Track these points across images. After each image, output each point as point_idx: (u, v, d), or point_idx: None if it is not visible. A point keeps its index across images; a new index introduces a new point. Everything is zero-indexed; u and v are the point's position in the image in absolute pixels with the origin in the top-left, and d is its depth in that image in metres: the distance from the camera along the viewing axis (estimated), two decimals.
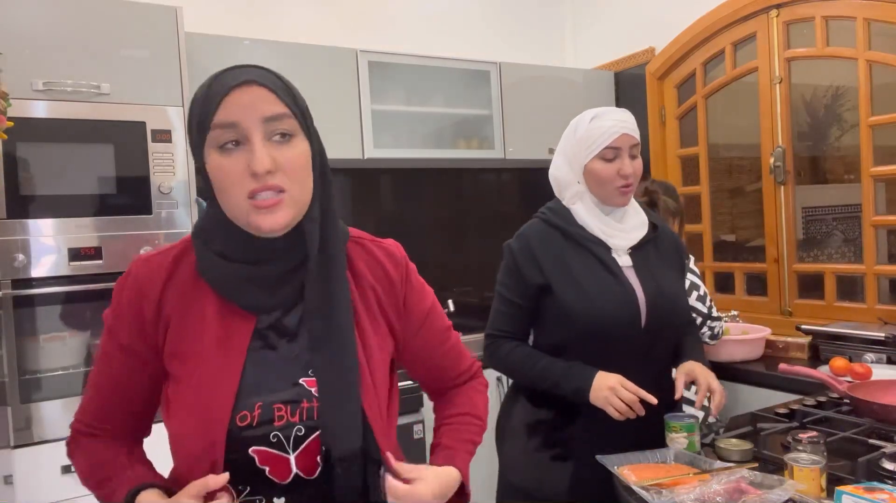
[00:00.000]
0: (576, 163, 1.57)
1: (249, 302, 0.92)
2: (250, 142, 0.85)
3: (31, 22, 1.97)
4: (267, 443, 0.88)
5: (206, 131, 0.86)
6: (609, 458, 1.40)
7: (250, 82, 0.86)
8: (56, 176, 1.98)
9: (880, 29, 2.39)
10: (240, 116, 0.85)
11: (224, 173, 0.86)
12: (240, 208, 0.87)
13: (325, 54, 2.65)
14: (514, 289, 1.60)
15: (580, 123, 1.59)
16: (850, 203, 2.57)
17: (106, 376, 0.96)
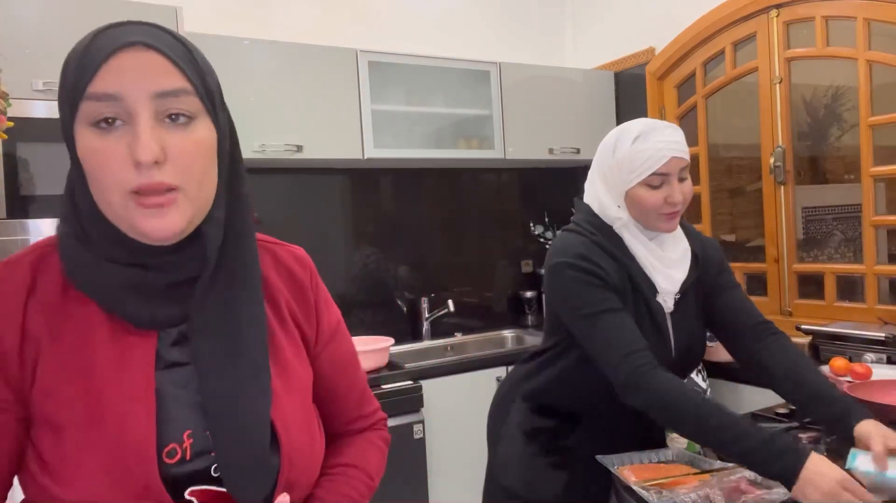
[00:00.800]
0: (615, 188, 1.39)
1: (143, 316, 0.71)
2: (134, 121, 0.66)
3: (31, 22, 1.97)
4: (207, 480, 0.71)
5: (77, 101, 0.66)
6: (609, 458, 1.40)
7: (140, 44, 0.67)
8: (56, 176, 1.97)
9: (880, 29, 2.39)
10: (123, 87, 0.66)
11: (99, 159, 0.66)
12: (118, 207, 0.68)
13: (325, 54, 2.65)
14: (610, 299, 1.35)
15: (621, 142, 1.37)
16: (850, 203, 2.57)
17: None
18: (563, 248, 1.41)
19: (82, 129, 0.68)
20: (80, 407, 0.68)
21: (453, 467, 2.60)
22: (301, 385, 0.82)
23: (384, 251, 3.15)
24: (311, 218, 2.96)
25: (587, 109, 3.32)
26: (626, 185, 1.37)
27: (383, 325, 3.08)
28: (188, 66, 0.70)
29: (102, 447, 0.66)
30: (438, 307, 3.14)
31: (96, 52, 0.67)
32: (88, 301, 0.71)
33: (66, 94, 0.68)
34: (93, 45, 0.68)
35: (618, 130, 1.40)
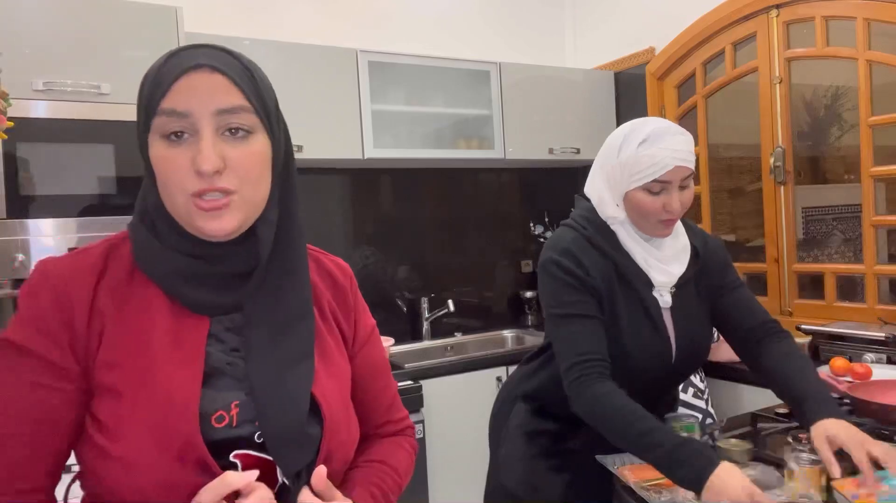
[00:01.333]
0: (616, 188, 1.39)
1: (201, 302, 0.81)
2: (199, 135, 0.75)
3: (31, 22, 1.97)
4: (250, 446, 0.78)
5: (152, 116, 0.76)
6: (609, 458, 1.41)
7: (206, 66, 0.76)
8: (56, 176, 1.98)
9: (880, 29, 2.39)
10: (190, 106, 0.75)
11: (167, 167, 0.76)
12: (181, 208, 0.77)
13: (325, 54, 2.65)
14: (584, 303, 1.36)
15: (627, 144, 1.35)
16: (850, 203, 2.57)
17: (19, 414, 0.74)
18: (555, 242, 1.43)
19: (155, 140, 0.77)
20: (136, 374, 0.75)
21: (453, 467, 2.60)
22: (341, 373, 0.90)
23: (384, 251, 3.15)
24: (310, 218, 2.96)
25: (587, 109, 3.32)
26: (626, 186, 1.36)
27: (383, 325, 3.05)
28: (247, 86, 0.78)
29: (152, 408, 0.74)
30: (438, 307, 3.14)
31: (168, 73, 0.76)
32: (152, 285, 0.80)
33: (142, 108, 0.78)
34: (166, 65, 0.77)
35: (627, 129, 1.38)
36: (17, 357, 0.75)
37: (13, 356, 0.75)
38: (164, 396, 0.74)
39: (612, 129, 3.32)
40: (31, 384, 0.74)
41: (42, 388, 0.75)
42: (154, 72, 0.78)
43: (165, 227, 0.80)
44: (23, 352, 0.75)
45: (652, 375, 1.43)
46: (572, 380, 1.32)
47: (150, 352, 0.76)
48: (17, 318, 0.76)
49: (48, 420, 0.75)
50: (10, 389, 0.75)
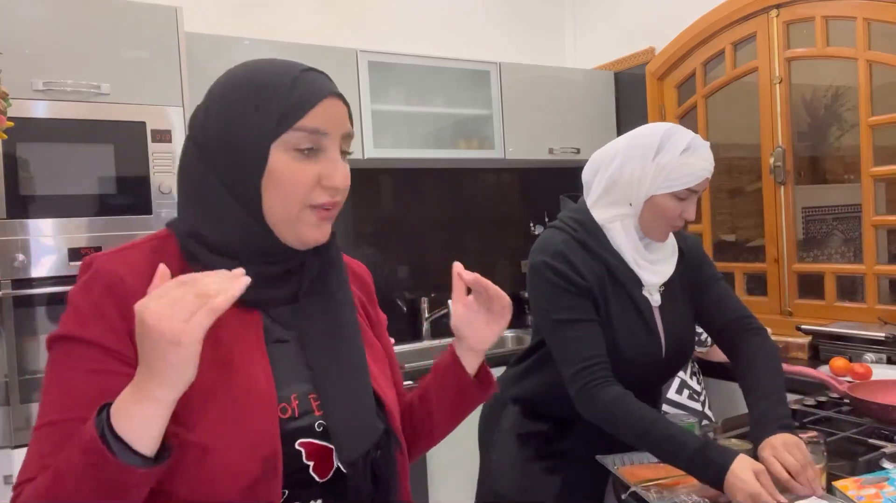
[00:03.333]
0: (641, 188, 1.38)
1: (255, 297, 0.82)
2: (327, 154, 0.83)
3: (31, 22, 1.97)
4: (312, 434, 0.83)
5: (284, 129, 0.81)
6: (609, 458, 1.41)
7: (338, 96, 0.86)
8: (56, 176, 1.98)
9: (880, 29, 2.39)
10: (330, 127, 0.83)
11: (294, 178, 0.81)
12: (294, 216, 0.83)
13: (325, 54, 2.65)
14: (581, 307, 1.38)
15: (669, 148, 1.36)
16: (850, 203, 2.57)
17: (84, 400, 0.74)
18: (544, 245, 1.43)
19: (281, 151, 0.81)
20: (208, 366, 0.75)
21: (453, 468, 2.60)
22: (382, 357, 0.99)
23: (384, 251, 3.15)
24: None
25: (587, 109, 3.32)
26: (656, 189, 1.37)
27: None
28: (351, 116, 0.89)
29: (230, 399, 0.77)
30: (438, 307, 3.14)
31: (309, 94, 0.83)
32: None
33: (272, 117, 0.81)
34: (301, 84, 0.84)
35: (662, 133, 1.38)
36: (75, 348, 0.77)
37: (71, 348, 0.77)
38: (242, 389, 0.78)
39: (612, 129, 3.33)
40: (91, 371, 0.76)
41: (102, 374, 0.76)
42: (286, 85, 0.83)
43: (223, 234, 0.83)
44: (80, 343, 0.77)
45: (642, 373, 1.44)
46: (581, 387, 1.33)
47: (219, 345, 0.79)
48: (72, 312, 0.78)
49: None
50: (70, 378, 0.77)
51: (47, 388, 0.78)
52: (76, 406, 0.75)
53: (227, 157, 0.82)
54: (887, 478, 1.19)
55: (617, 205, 1.41)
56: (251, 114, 0.82)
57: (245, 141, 0.82)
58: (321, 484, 0.83)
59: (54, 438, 0.74)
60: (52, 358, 0.78)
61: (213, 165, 0.83)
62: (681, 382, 2.19)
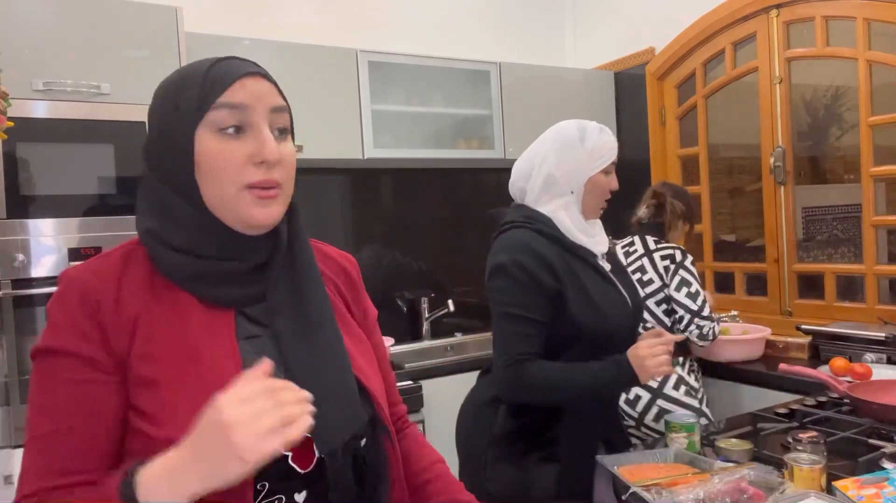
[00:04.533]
0: (581, 173, 1.57)
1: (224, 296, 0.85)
2: (256, 129, 0.82)
3: (31, 22, 1.97)
4: None
5: (204, 111, 0.81)
6: (609, 458, 1.41)
7: (258, 74, 0.84)
8: (56, 176, 1.98)
9: (880, 29, 2.39)
10: (251, 101, 0.82)
11: (223, 158, 0.81)
12: (231, 199, 0.82)
13: (325, 54, 2.65)
14: (534, 307, 1.49)
15: (588, 134, 1.58)
16: (850, 203, 2.57)
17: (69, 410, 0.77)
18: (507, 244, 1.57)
19: (206, 135, 0.81)
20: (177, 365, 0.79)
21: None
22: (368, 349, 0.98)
23: (384, 251, 3.15)
24: (310, 218, 2.94)
25: (587, 109, 3.32)
26: (592, 171, 1.58)
27: (383, 325, 3.06)
28: (282, 94, 0.88)
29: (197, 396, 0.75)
30: (438, 307, 3.14)
31: (225, 74, 0.82)
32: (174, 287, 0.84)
33: (191, 104, 0.81)
34: (215, 69, 0.83)
35: (574, 125, 1.60)
36: (55, 359, 0.79)
37: (50, 360, 0.79)
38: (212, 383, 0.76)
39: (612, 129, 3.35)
40: (71, 381, 0.78)
41: (83, 383, 0.78)
42: (202, 73, 0.82)
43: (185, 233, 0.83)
44: (58, 354, 0.78)
45: (619, 331, 1.56)
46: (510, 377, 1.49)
47: (189, 343, 0.80)
48: (49, 325, 0.80)
49: (94, 410, 0.78)
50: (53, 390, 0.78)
51: (32, 401, 0.79)
52: (62, 416, 0.77)
53: (161, 154, 0.84)
54: (887, 478, 1.19)
55: (559, 196, 1.57)
56: (173, 107, 0.83)
57: (171, 133, 0.83)
58: (304, 475, 0.82)
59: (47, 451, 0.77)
60: (35, 370, 0.80)
61: (154, 167, 0.85)
62: (678, 378, 2.18)
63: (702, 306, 2.20)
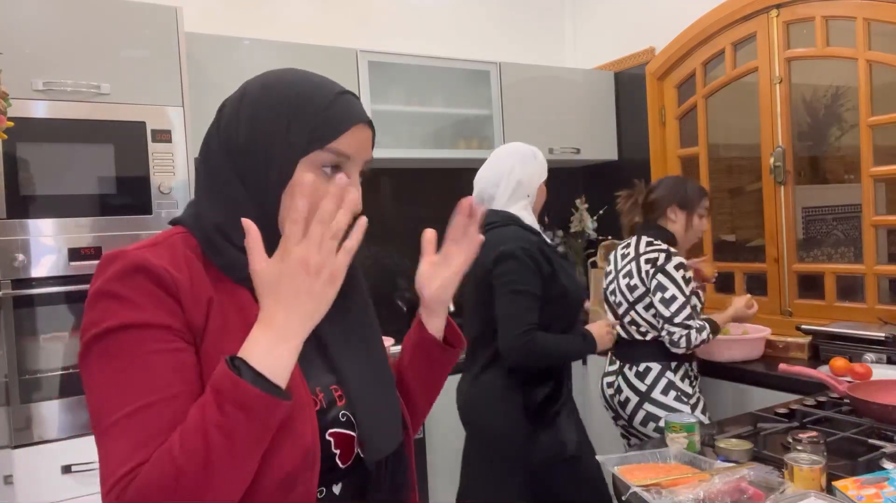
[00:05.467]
0: (536, 181, 2.00)
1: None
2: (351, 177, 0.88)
3: (31, 22, 1.97)
4: (339, 424, 0.86)
5: (313, 148, 0.84)
6: (609, 459, 1.41)
7: (368, 124, 0.90)
8: (56, 176, 1.98)
9: (880, 29, 2.39)
10: (356, 153, 0.88)
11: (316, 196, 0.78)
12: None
13: (325, 54, 2.65)
14: (535, 284, 1.86)
15: (536, 152, 2.02)
16: (850, 203, 2.57)
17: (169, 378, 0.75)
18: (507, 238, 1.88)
19: (306, 166, 0.84)
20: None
21: (453, 467, 2.60)
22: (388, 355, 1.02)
23: (384, 251, 3.15)
24: None
25: (587, 109, 3.32)
26: (541, 180, 2.02)
27: (383, 325, 3.08)
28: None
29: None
30: None
31: (342, 119, 0.86)
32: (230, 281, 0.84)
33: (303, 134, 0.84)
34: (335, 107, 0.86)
35: (524, 146, 2.02)
36: (140, 333, 0.75)
37: (135, 334, 0.75)
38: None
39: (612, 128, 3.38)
40: (165, 351, 0.76)
41: (177, 352, 0.77)
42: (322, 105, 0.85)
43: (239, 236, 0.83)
44: (144, 327, 0.75)
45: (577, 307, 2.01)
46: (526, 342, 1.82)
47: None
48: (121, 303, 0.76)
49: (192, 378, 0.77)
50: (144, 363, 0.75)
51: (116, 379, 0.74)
52: (163, 386, 0.74)
53: (255, 165, 0.84)
54: (887, 478, 1.19)
55: (521, 198, 1.97)
56: (283, 129, 0.84)
57: (274, 153, 0.84)
58: (342, 469, 0.86)
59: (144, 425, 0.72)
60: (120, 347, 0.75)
61: (238, 169, 0.85)
62: (667, 383, 2.14)
63: (675, 312, 2.11)
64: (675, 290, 2.13)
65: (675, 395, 2.13)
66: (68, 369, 1.99)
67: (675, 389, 2.14)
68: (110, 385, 0.74)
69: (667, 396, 2.13)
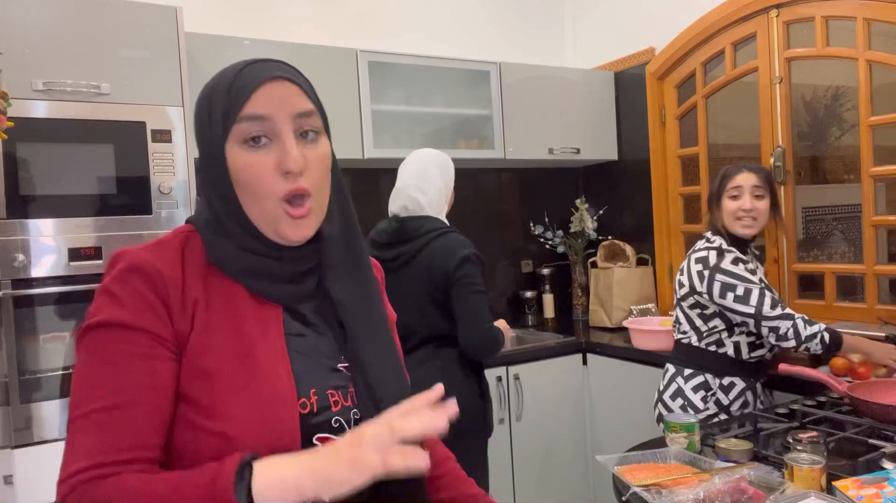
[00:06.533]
0: (451, 187, 2.16)
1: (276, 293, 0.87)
2: (280, 138, 0.81)
3: (31, 22, 1.97)
4: (330, 430, 0.84)
5: (230, 123, 0.81)
6: (609, 459, 1.41)
7: (281, 77, 0.83)
8: (56, 176, 1.98)
9: (880, 29, 2.39)
10: (271, 110, 0.81)
11: (253, 171, 0.81)
12: (270, 213, 0.83)
13: (325, 54, 2.65)
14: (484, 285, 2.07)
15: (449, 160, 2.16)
16: (850, 203, 2.57)
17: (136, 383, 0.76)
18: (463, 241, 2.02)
19: (234, 147, 0.82)
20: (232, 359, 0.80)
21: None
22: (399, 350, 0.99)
23: None
24: None
25: (587, 109, 3.32)
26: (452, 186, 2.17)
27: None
28: (312, 93, 0.87)
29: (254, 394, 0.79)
30: None
31: (247, 83, 0.81)
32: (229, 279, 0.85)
33: (218, 117, 0.82)
34: (240, 77, 0.82)
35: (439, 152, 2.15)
36: (120, 333, 0.77)
37: (114, 333, 0.78)
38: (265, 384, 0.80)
39: (612, 128, 3.36)
40: (138, 355, 0.78)
41: (150, 358, 0.78)
42: (228, 82, 0.82)
43: (238, 230, 0.85)
44: (124, 328, 0.78)
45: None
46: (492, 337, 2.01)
47: (243, 338, 0.82)
48: (111, 300, 0.79)
49: (160, 386, 0.78)
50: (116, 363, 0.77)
51: (85, 376, 0.77)
52: (129, 389, 0.76)
53: (205, 167, 0.85)
54: (887, 478, 1.19)
55: (444, 205, 2.13)
56: (206, 122, 0.84)
57: (208, 148, 0.84)
58: None
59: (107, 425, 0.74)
60: (96, 344, 0.78)
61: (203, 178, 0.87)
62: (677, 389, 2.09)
63: (759, 304, 1.92)
64: (744, 284, 1.95)
65: (682, 404, 2.07)
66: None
67: (682, 397, 2.07)
68: (85, 379, 0.77)
69: (674, 402, 2.09)
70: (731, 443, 1.46)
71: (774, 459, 1.41)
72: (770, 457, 1.43)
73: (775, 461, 1.39)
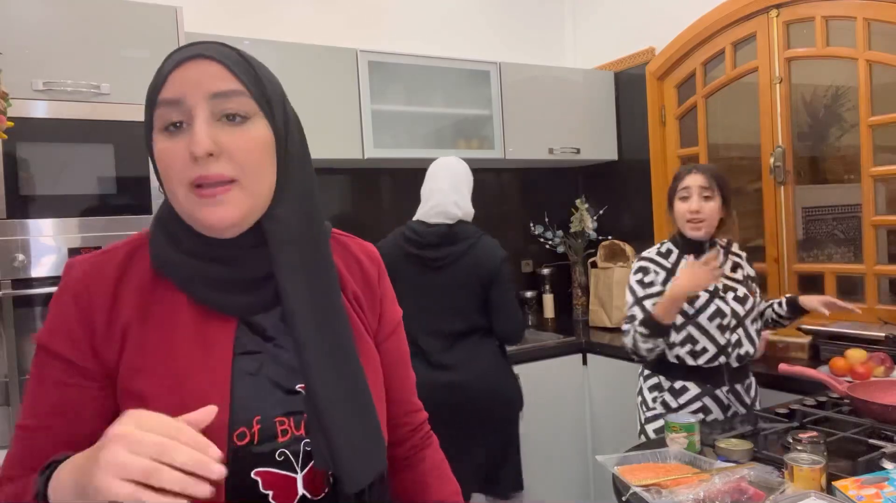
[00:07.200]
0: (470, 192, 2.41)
1: (227, 304, 0.79)
2: (193, 121, 0.74)
3: (31, 22, 1.97)
4: (272, 463, 0.77)
5: (152, 110, 0.76)
6: (609, 458, 1.41)
7: (199, 56, 0.75)
8: (56, 176, 1.98)
9: (880, 29, 2.39)
10: (184, 92, 0.74)
11: (166, 158, 0.75)
12: (183, 201, 0.75)
13: (325, 54, 2.65)
14: None
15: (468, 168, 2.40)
16: (850, 203, 2.57)
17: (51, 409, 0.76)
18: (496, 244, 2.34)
19: (156, 135, 0.76)
20: (164, 382, 0.75)
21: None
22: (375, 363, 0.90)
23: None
24: None
25: (587, 109, 3.32)
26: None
27: None
28: (242, 72, 0.77)
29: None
30: None
31: (164, 66, 0.77)
32: (176, 290, 0.79)
33: (146, 105, 0.77)
34: (164, 63, 0.77)
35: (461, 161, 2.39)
36: (46, 357, 0.78)
37: (42, 357, 0.79)
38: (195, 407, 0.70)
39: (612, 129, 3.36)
40: (58, 382, 0.77)
41: (67, 386, 0.77)
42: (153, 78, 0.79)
43: (181, 230, 0.79)
44: (49, 354, 0.78)
45: None
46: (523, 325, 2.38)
47: (178, 358, 0.76)
48: (47, 320, 0.79)
49: (74, 414, 0.77)
50: (41, 386, 0.78)
51: (27, 390, 0.80)
52: (44, 414, 0.78)
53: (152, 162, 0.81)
54: (887, 478, 1.19)
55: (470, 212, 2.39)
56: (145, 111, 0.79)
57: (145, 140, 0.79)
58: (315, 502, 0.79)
59: (25, 442, 0.78)
60: (34, 361, 0.80)
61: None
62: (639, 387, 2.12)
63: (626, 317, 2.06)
64: (628, 293, 2.07)
65: (640, 400, 2.12)
66: None
67: (640, 394, 2.13)
68: (25, 392, 0.80)
69: (638, 398, 2.14)
70: (731, 443, 1.46)
71: (774, 459, 1.41)
72: (770, 457, 1.43)
73: (775, 461, 1.39)
